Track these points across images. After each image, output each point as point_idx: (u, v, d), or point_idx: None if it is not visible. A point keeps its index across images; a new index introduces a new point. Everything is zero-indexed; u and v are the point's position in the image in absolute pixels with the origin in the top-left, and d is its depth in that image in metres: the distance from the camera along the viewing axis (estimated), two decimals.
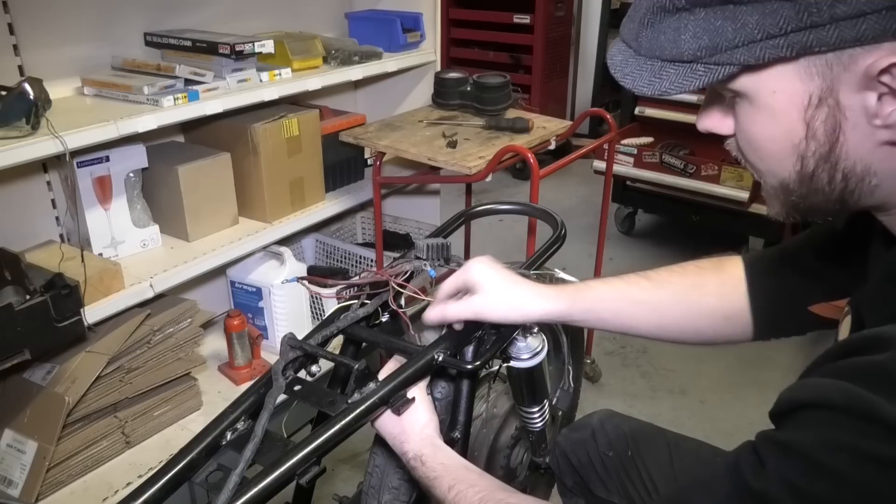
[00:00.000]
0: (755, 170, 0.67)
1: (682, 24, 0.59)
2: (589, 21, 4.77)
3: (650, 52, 0.62)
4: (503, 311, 0.92)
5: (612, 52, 0.67)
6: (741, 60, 0.58)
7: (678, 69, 0.61)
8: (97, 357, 1.58)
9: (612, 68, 0.66)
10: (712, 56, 0.58)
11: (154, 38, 1.81)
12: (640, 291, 0.95)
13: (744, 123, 0.64)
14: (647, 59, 0.63)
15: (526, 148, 1.86)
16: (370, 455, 1.06)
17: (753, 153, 0.65)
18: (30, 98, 1.35)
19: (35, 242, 1.68)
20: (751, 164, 0.66)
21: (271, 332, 2.08)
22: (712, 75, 0.59)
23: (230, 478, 0.78)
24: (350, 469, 1.99)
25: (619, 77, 0.65)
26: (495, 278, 0.94)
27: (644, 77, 0.63)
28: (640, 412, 2.24)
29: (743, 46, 0.57)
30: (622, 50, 0.66)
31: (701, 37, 0.58)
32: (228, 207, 1.94)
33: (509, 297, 0.93)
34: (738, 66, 0.58)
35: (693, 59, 0.60)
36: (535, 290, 0.94)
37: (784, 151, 0.62)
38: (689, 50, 0.59)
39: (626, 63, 0.65)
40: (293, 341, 0.97)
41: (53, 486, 1.58)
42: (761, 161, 0.65)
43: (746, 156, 0.66)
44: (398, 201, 2.64)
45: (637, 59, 0.64)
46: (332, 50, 2.04)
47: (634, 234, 3.62)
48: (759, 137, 0.63)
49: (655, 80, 0.62)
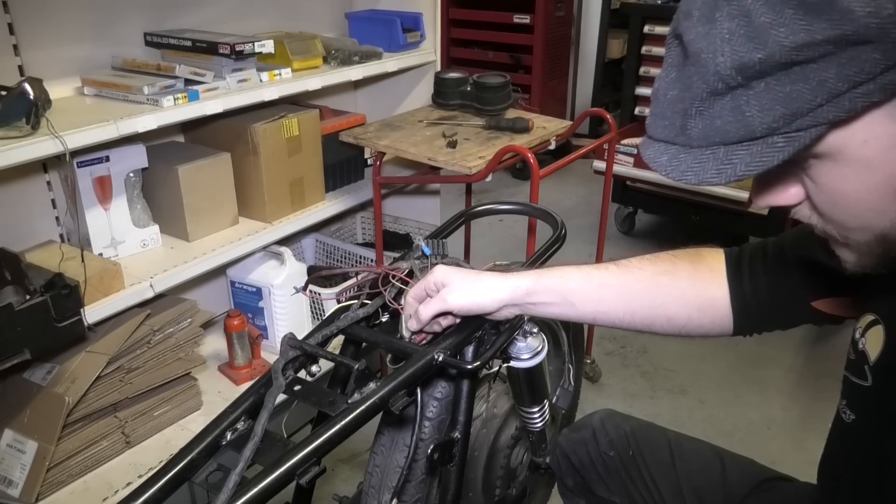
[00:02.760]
0: (842, 229, 0.61)
1: (742, 102, 0.53)
2: (589, 21, 4.77)
3: (708, 141, 0.56)
4: (471, 296, 0.93)
5: (652, 155, 0.61)
6: (829, 119, 0.52)
7: (750, 148, 0.55)
8: (97, 357, 1.58)
9: (661, 171, 0.60)
10: (792, 122, 0.53)
11: (154, 38, 1.81)
12: (608, 275, 0.95)
13: (828, 185, 0.59)
14: (706, 149, 0.57)
15: (526, 148, 1.86)
16: (370, 455, 1.06)
17: (843, 212, 0.60)
18: (30, 98, 1.35)
19: (35, 242, 1.68)
20: (837, 224, 0.61)
21: (271, 332, 2.08)
22: (796, 143, 0.54)
23: (230, 478, 0.78)
24: (350, 469, 1.99)
25: (676, 176, 0.59)
26: (459, 273, 0.95)
27: (709, 168, 0.57)
28: (640, 412, 2.24)
29: (827, 104, 0.51)
30: (664, 150, 0.60)
31: (772, 108, 0.52)
32: (228, 207, 1.94)
33: (475, 284, 0.94)
34: (825, 126, 0.53)
35: (768, 133, 0.54)
36: (500, 275, 0.96)
37: (885, 199, 0.57)
38: (761, 125, 0.53)
39: (677, 161, 0.59)
40: (293, 341, 0.97)
41: (53, 486, 1.59)
42: (855, 218, 0.59)
43: (831, 217, 0.61)
44: (398, 201, 2.64)
45: (690, 153, 0.58)
46: (332, 50, 2.04)
47: (634, 234, 3.62)
48: (849, 193, 0.58)
49: (726, 167, 0.56)
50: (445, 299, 0.93)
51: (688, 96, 0.56)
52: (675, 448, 1.12)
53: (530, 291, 0.94)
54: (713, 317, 0.94)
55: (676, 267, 0.95)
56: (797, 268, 0.89)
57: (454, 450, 0.98)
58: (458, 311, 0.94)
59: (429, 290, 0.97)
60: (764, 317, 0.93)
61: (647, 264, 0.96)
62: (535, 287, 0.94)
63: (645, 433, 1.16)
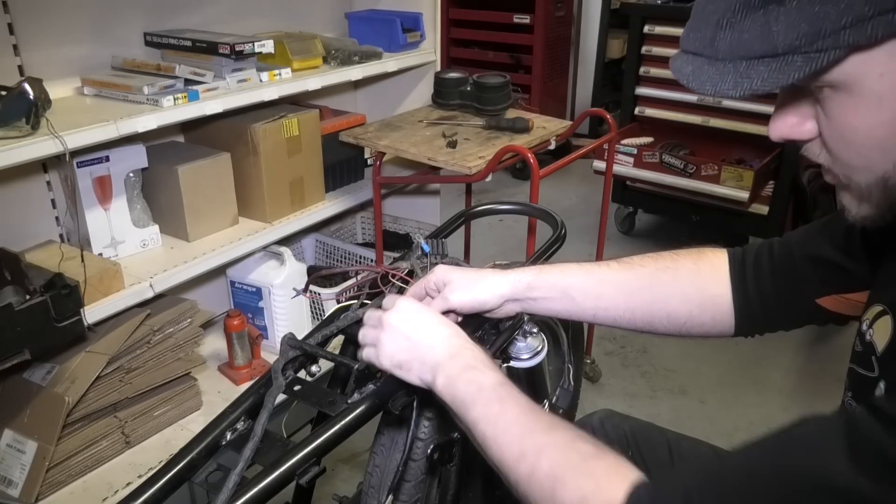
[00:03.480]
0: (847, 168, 0.62)
1: (772, 18, 0.55)
2: (589, 21, 4.77)
3: (732, 54, 0.58)
4: (473, 294, 0.93)
5: (679, 66, 0.63)
6: (850, 42, 0.53)
7: (769, 64, 0.56)
8: (97, 357, 1.58)
9: (684, 80, 0.62)
10: (813, 43, 0.54)
11: (154, 38, 1.81)
12: (609, 271, 0.95)
13: (840, 118, 0.60)
14: (729, 62, 0.58)
15: (526, 148, 1.86)
16: (370, 455, 1.06)
17: (850, 148, 0.61)
18: (30, 98, 1.35)
19: (35, 242, 1.68)
20: (843, 162, 0.62)
21: (271, 332, 2.08)
22: (813, 63, 0.55)
23: (230, 478, 0.78)
24: (350, 469, 1.99)
25: (696, 86, 0.61)
26: (460, 272, 0.95)
27: (728, 80, 0.58)
28: (640, 412, 2.24)
29: (851, 27, 0.53)
30: (691, 61, 0.62)
31: (798, 25, 0.54)
32: (228, 207, 1.94)
33: (477, 282, 0.94)
34: (844, 50, 0.54)
35: (789, 51, 0.55)
36: (501, 272, 0.96)
37: (890, 138, 0.58)
38: (784, 41, 0.55)
39: (700, 71, 0.60)
40: (293, 341, 0.97)
41: (53, 486, 1.59)
42: (859, 156, 0.60)
43: (838, 154, 0.62)
44: (398, 201, 2.65)
45: (714, 65, 0.59)
46: (332, 50, 2.04)
47: (634, 234, 3.62)
48: (860, 128, 0.59)
49: (743, 81, 0.58)
50: (448, 298, 0.93)
51: (722, 7, 0.58)
52: (675, 448, 1.12)
53: (531, 286, 0.94)
54: (714, 314, 0.93)
55: (678, 264, 0.95)
56: (804, 264, 0.88)
57: (454, 450, 0.98)
58: (460, 309, 0.94)
59: (429, 290, 0.97)
60: (767, 316, 0.93)
61: (648, 261, 0.96)
62: (536, 281, 0.94)
63: (644, 433, 1.16)
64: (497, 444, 0.73)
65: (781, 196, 2.97)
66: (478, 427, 0.75)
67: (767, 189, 3.00)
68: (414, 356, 0.83)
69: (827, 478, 0.53)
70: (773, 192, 2.99)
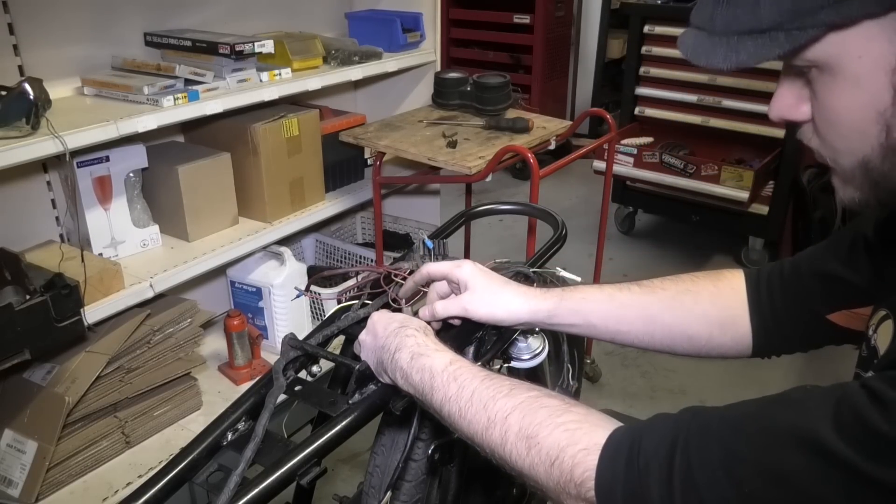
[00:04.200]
0: (832, 151, 0.64)
1: None
2: (589, 21, 4.78)
3: (726, 29, 0.61)
4: (490, 309, 0.93)
5: (683, 38, 0.66)
6: (826, 21, 0.56)
7: (756, 39, 0.59)
8: (97, 357, 1.58)
9: (683, 51, 0.65)
10: (794, 21, 0.57)
11: (154, 38, 1.80)
12: (629, 295, 0.95)
13: (824, 98, 0.62)
14: (723, 36, 0.61)
15: (526, 148, 1.86)
16: (370, 455, 1.06)
17: (833, 130, 0.63)
18: (30, 98, 1.35)
19: (35, 242, 1.68)
20: (829, 144, 0.64)
21: (271, 332, 2.08)
22: (794, 40, 0.58)
23: (231, 478, 0.78)
24: (350, 469, 1.99)
25: (692, 57, 0.64)
26: (485, 278, 0.95)
27: (719, 53, 0.62)
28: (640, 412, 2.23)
29: (829, 7, 0.55)
30: (694, 34, 0.65)
31: (782, 2, 0.57)
32: (228, 207, 1.94)
33: (497, 296, 0.93)
34: (822, 28, 0.57)
35: (773, 27, 0.58)
36: (524, 290, 0.95)
37: (867, 121, 0.60)
38: (768, 17, 0.58)
39: (699, 44, 0.64)
40: (294, 341, 0.97)
41: (53, 486, 1.58)
42: (841, 138, 0.62)
43: (825, 136, 0.64)
44: (398, 201, 2.64)
45: (711, 39, 0.62)
46: (332, 50, 2.04)
47: (634, 234, 3.62)
48: (840, 109, 0.61)
49: (731, 55, 0.61)
50: (465, 307, 0.93)
51: None
52: None
53: (552, 314, 0.94)
54: (734, 335, 0.94)
55: (698, 286, 0.95)
56: (811, 280, 0.89)
57: (454, 450, 0.98)
58: (474, 318, 0.94)
59: (451, 285, 0.97)
60: (782, 336, 0.93)
61: (669, 284, 0.96)
62: (557, 310, 0.93)
63: None
64: (465, 419, 0.74)
65: (781, 196, 2.97)
66: (444, 410, 0.77)
67: (767, 189, 3.00)
68: (380, 361, 0.87)
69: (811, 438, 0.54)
70: (772, 192, 2.99)
